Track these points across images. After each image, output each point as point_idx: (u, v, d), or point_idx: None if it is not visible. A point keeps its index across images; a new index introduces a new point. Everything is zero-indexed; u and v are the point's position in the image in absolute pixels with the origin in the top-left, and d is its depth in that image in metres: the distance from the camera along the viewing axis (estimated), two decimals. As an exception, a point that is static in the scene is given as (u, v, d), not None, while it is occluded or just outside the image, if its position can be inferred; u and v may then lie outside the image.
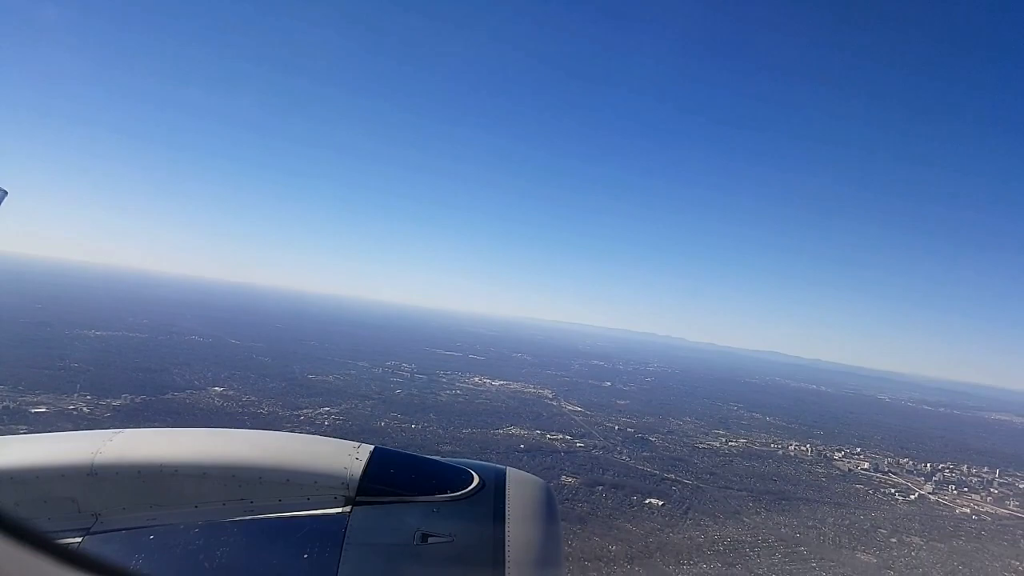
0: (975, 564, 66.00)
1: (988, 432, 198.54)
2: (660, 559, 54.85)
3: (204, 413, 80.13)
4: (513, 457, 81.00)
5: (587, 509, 65.10)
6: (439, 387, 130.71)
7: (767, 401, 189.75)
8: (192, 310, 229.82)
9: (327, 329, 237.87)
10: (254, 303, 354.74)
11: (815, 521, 72.27)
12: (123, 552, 4.09)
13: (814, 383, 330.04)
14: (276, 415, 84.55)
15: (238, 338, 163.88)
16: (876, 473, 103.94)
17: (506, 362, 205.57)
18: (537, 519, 4.73)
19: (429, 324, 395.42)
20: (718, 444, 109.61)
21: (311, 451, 5.01)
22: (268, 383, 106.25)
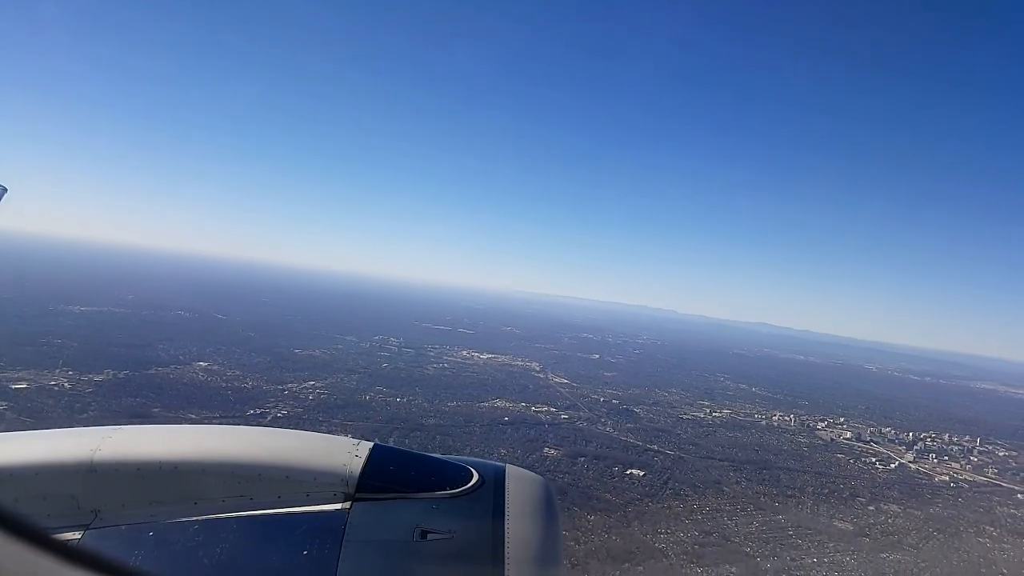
0: (950, 530, 67.08)
1: (972, 401, 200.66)
2: (638, 528, 55.48)
3: (187, 388, 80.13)
4: (497, 430, 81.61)
5: (568, 480, 65.62)
6: (426, 361, 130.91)
7: (754, 372, 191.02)
8: (179, 285, 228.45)
9: (315, 303, 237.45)
10: (242, 278, 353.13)
11: (794, 490, 73.16)
12: (123, 549, 4.09)
13: (802, 354, 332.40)
14: (260, 389, 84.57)
15: (224, 313, 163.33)
16: (858, 442, 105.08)
17: (495, 335, 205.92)
18: (536, 516, 4.71)
19: (420, 298, 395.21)
20: (702, 415, 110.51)
21: (310, 448, 5.01)
22: (253, 358, 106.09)
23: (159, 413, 68.08)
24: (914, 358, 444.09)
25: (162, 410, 69.24)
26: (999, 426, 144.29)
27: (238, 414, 71.69)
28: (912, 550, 59.70)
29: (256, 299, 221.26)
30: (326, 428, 70.56)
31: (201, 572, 4.02)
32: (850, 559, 55.20)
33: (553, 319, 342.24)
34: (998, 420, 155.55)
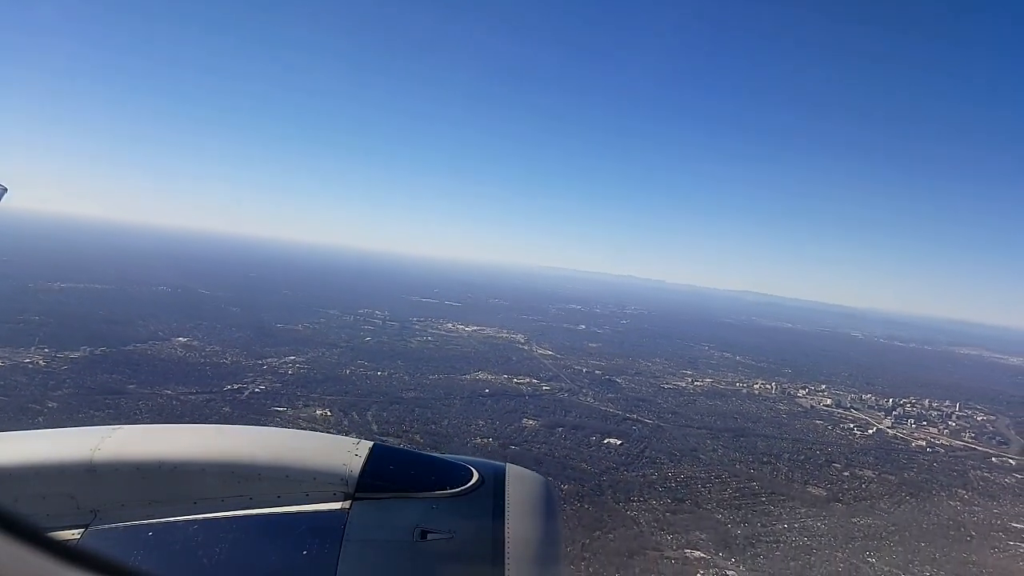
0: (923, 494, 68.02)
1: (955, 367, 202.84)
2: (611, 496, 55.90)
3: (164, 364, 79.75)
4: (477, 402, 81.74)
5: (545, 450, 65.98)
6: (411, 334, 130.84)
7: (739, 340, 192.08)
8: (163, 261, 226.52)
9: (302, 278, 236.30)
10: (229, 253, 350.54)
11: (770, 457, 73.84)
12: (122, 548, 4.07)
13: (789, 322, 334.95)
14: (239, 364, 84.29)
15: (208, 288, 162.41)
16: (838, 409, 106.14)
17: (482, 308, 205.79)
18: (537, 515, 4.69)
19: (408, 271, 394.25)
20: (684, 384, 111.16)
21: (310, 447, 4.99)
22: (234, 333, 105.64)
23: (134, 390, 67.81)
24: (901, 324, 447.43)
25: (138, 386, 68.92)
26: (979, 391, 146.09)
27: (215, 389, 71.45)
28: (884, 514, 60.53)
29: (243, 274, 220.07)
30: (303, 402, 70.74)
31: (201, 572, 4.00)
32: (821, 524, 55.89)
33: (541, 291, 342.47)
34: (979, 385, 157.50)
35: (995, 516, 64.03)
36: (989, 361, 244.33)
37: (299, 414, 66.35)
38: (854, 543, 52.72)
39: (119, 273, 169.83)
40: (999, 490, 72.76)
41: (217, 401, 67.56)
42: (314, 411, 67.70)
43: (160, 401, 65.01)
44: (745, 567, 46.39)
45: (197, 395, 68.69)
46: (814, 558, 49.11)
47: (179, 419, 60.28)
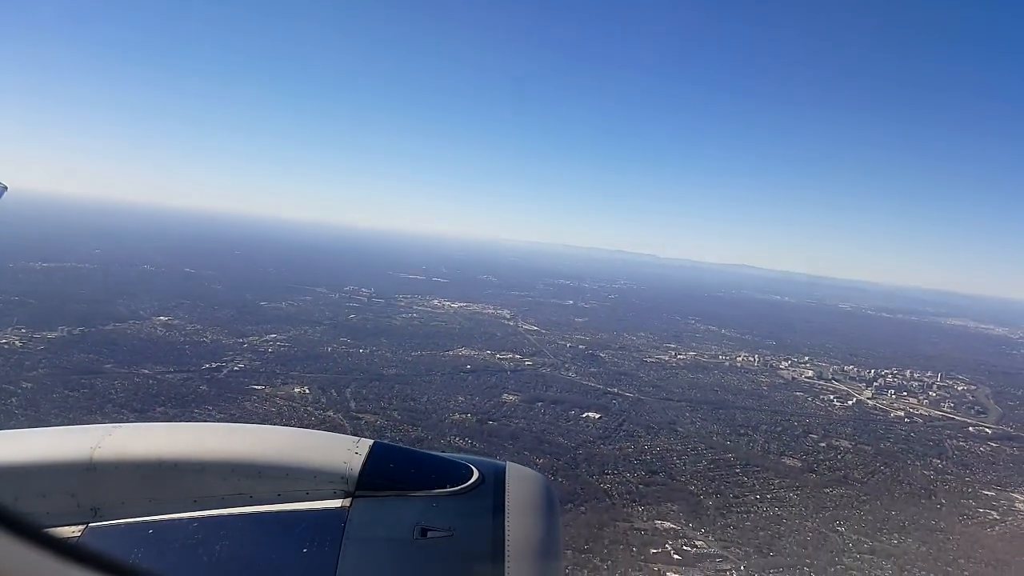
0: (897, 464, 68.76)
1: (940, 337, 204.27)
2: (585, 470, 56.35)
3: (143, 343, 79.48)
4: (457, 378, 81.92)
5: (522, 425, 66.31)
6: (395, 311, 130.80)
7: (726, 314, 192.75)
8: (149, 239, 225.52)
9: (291, 256, 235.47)
10: (216, 231, 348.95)
11: (748, 429, 74.43)
12: (122, 546, 4.08)
13: (779, 295, 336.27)
14: (219, 343, 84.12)
15: (193, 266, 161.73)
16: (819, 380, 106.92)
17: (471, 284, 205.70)
18: (537, 514, 4.68)
19: (398, 248, 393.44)
20: (667, 358, 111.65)
21: (310, 445, 4.97)
22: (217, 311, 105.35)
23: (111, 369, 67.58)
24: (890, 296, 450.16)
25: (115, 366, 68.71)
26: (962, 361, 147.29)
27: (192, 368, 71.31)
28: (857, 484, 61.26)
29: (229, 253, 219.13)
30: (281, 380, 70.78)
31: (201, 570, 4.01)
32: (794, 495, 56.56)
33: (531, 267, 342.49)
34: (962, 356, 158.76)
35: (967, 484, 64.86)
36: (974, 331, 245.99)
37: (276, 392, 66.40)
38: (825, 512, 53.38)
39: (104, 253, 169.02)
40: (973, 459, 73.62)
41: (194, 380, 67.48)
42: (292, 389, 67.75)
43: (136, 381, 64.84)
44: (713, 537, 46.98)
45: (174, 374, 68.58)
46: (783, 528, 49.74)
47: (154, 398, 60.51)
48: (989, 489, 64.05)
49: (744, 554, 45.08)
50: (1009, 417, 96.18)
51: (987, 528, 54.79)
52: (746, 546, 46.18)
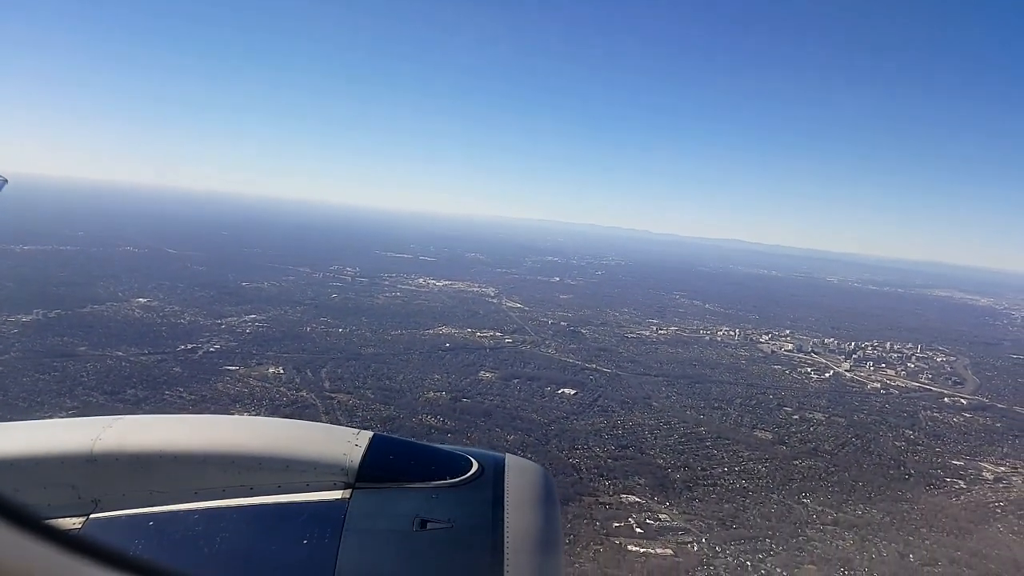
0: (869, 435, 69.44)
1: (925, 309, 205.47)
2: (555, 445, 56.71)
3: (119, 325, 79.15)
4: (435, 356, 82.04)
5: (497, 402, 66.55)
6: (379, 290, 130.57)
7: (712, 289, 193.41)
8: (133, 221, 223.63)
9: (275, 235, 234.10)
10: (204, 211, 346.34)
11: (722, 402, 74.97)
12: (123, 537, 4.12)
13: (767, 268, 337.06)
14: (197, 324, 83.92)
15: (177, 247, 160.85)
16: (798, 354, 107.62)
17: (458, 262, 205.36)
18: (535, 505, 4.72)
19: (388, 227, 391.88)
20: (648, 333, 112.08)
21: (310, 437, 5.00)
22: (197, 292, 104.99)
23: (85, 352, 67.41)
24: (879, 268, 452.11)
25: (89, 348, 68.53)
26: (944, 332, 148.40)
27: (167, 350, 71.19)
28: (827, 456, 61.97)
29: (214, 233, 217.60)
30: (256, 361, 70.73)
31: (202, 561, 4.03)
32: (762, 467, 57.16)
33: (520, 244, 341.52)
34: (945, 326, 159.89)
35: (937, 455, 65.67)
36: (959, 302, 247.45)
37: (250, 372, 66.39)
38: (792, 484, 54.01)
39: (87, 234, 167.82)
40: (946, 429, 74.44)
41: (168, 362, 67.40)
42: (266, 369, 67.73)
43: (109, 363, 64.71)
44: (678, 510, 47.50)
45: (148, 356, 68.43)
46: (749, 500, 50.32)
47: (125, 380, 60.46)
48: (959, 459, 64.86)
49: (707, 527, 45.64)
50: (985, 387, 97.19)
51: (953, 497, 55.57)
52: (709, 519, 46.74)
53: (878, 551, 44.67)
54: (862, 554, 43.99)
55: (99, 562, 1.63)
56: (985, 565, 44.22)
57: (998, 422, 78.91)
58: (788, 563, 41.86)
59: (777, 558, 42.33)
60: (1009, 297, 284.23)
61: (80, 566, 1.57)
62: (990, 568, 43.90)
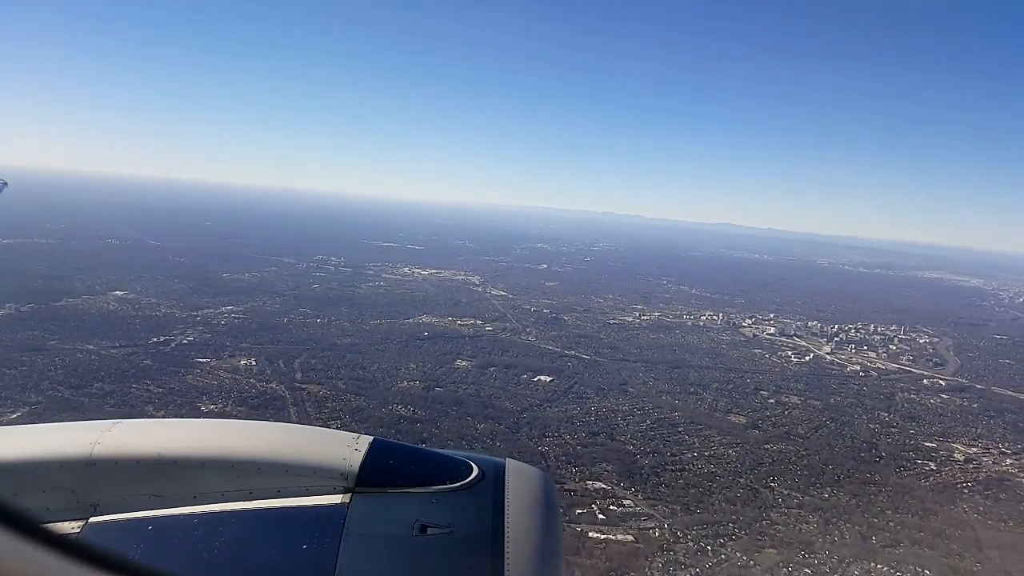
0: (844, 418, 69.43)
1: (914, 290, 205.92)
2: (525, 433, 56.58)
3: (93, 319, 78.66)
4: (413, 345, 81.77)
5: (470, 391, 66.29)
6: (362, 279, 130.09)
7: (700, 273, 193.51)
8: (118, 212, 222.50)
9: (263, 226, 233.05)
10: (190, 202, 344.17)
11: (699, 387, 74.87)
12: (122, 542, 4.10)
13: (758, 252, 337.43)
14: (172, 316, 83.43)
15: (160, 239, 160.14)
16: (780, 337, 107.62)
17: (445, 250, 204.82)
18: (536, 510, 4.71)
19: (378, 216, 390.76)
20: (631, 319, 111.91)
21: (310, 442, 5.02)
22: (176, 284, 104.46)
23: (55, 346, 66.89)
24: (871, 251, 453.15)
25: (59, 342, 68.00)
26: (930, 314, 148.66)
27: (139, 343, 70.71)
28: (798, 440, 61.93)
29: (199, 224, 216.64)
30: (229, 353, 70.39)
31: (200, 565, 4.01)
32: (733, 452, 57.10)
33: (513, 231, 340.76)
34: (931, 308, 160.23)
35: (911, 436, 65.75)
36: (949, 284, 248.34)
37: (221, 364, 65.98)
38: (760, 469, 53.98)
39: (68, 227, 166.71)
40: (922, 411, 74.55)
41: (139, 355, 66.91)
42: (238, 361, 67.36)
43: (78, 357, 64.22)
44: (643, 496, 47.45)
45: (119, 349, 67.98)
46: (715, 485, 50.28)
47: (93, 374, 60.05)
48: (932, 440, 64.97)
49: (670, 512, 45.60)
50: (966, 368, 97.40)
51: (921, 479, 55.67)
52: (674, 504, 46.72)
53: (841, 533, 44.72)
54: (824, 537, 44.03)
55: (98, 566, 1.62)
56: (947, 545, 44.33)
57: (975, 403, 79.11)
58: (749, 547, 41.88)
59: (738, 542, 42.34)
60: (1000, 278, 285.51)
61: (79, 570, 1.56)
62: (951, 548, 43.99)
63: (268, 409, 55.39)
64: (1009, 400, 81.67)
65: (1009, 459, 62.00)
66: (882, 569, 40.66)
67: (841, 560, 41.29)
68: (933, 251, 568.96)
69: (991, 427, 70.60)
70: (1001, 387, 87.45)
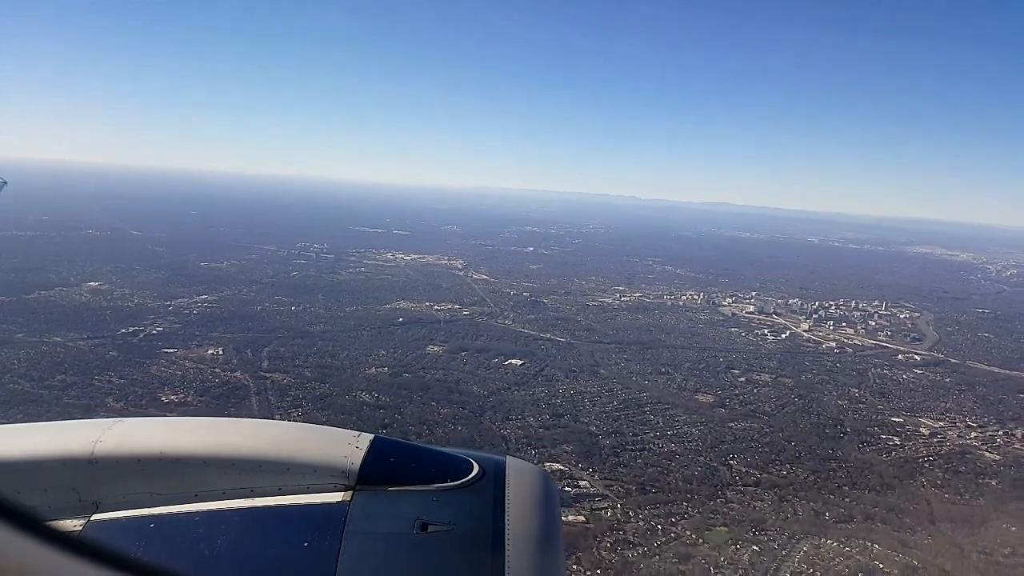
0: (813, 395, 69.69)
1: (902, 266, 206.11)
2: (489, 417, 56.61)
3: (63, 310, 78.31)
4: (386, 331, 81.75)
5: (439, 376, 66.28)
6: (343, 266, 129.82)
7: (688, 253, 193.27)
8: (103, 203, 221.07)
9: (246, 213, 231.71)
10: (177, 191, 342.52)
11: (670, 367, 74.99)
12: (124, 539, 4.11)
13: (749, 231, 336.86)
14: (143, 307, 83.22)
15: (141, 229, 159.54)
16: (759, 315, 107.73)
17: (432, 235, 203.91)
18: (536, 507, 4.76)
19: (367, 201, 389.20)
20: (611, 300, 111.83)
21: (311, 440, 5.04)
22: (152, 274, 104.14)
23: (22, 339, 66.56)
24: (863, 227, 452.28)
25: (26, 335, 67.66)
26: (915, 289, 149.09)
27: (107, 334, 70.56)
28: (764, 417, 62.12)
29: (184, 212, 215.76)
30: (197, 343, 70.21)
31: (202, 563, 4.04)
32: (696, 431, 57.24)
33: (502, 215, 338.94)
34: (917, 283, 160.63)
35: (878, 412, 66.06)
36: (939, 258, 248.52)
37: (188, 355, 65.79)
38: (721, 447, 54.18)
39: (51, 219, 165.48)
40: (893, 386, 74.86)
41: (106, 346, 66.78)
42: (205, 351, 67.15)
43: (44, 349, 63.98)
44: (599, 476, 47.64)
45: (87, 341, 67.73)
46: (674, 464, 50.47)
47: (57, 366, 59.81)
48: (899, 416, 65.27)
49: (625, 492, 45.84)
50: (943, 343, 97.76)
51: (883, 454, 55.98)
52: (629, 484, 46.93)
53: (794, 510, 45.00)
54: (778, 514, 44.32)
55: (100, 563, 1.63)
56: (899, 520, 44.64)
57: (948, 377, 79.51)
58: (700, 526, 42.12)
59: (690, 521, 42.58)
60: (990, 252, 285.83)
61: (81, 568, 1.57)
62: (904, 522, 44.28)
63: (230, 399, 55.34)
64: (982, 374, 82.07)
65: (974, 432, 62.39)
66: (831, 544, 40.96)
67: (791, 536, 41.59)
68: (925, 226, 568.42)
69: (960, 401, 71.00)
70: (976, 361, 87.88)
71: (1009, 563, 40.87)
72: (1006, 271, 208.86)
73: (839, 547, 40.78)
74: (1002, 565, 40.58)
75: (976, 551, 41.74)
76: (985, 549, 42.05)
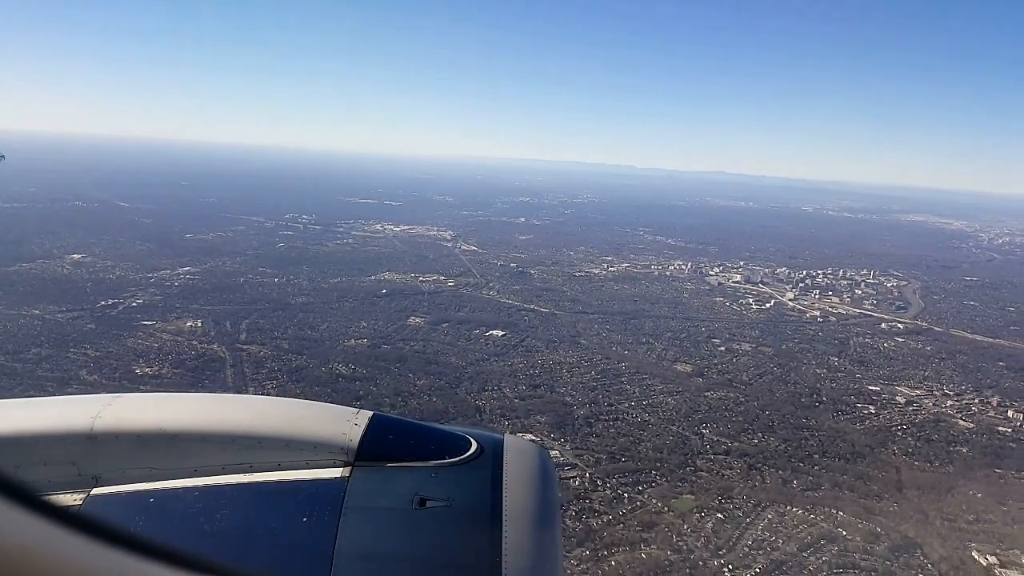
0: (792, 364, 69.91)
1: (893, 234, 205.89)
2: (465, 388, 56.73)
3: (43, 283, 77.97)
4: (369, 303, 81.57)
5: (418, 347, 66.31)
6: (330, 237, 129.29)
7: (679, 223, 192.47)
8: (92, 174, 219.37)
9: (237, 184, 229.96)
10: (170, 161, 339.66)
11: (651, 337, 75.09)
12: (123, 515, 4.14)
13: (744, 200, 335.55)
14: (125, 279, 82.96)
15: (129, 200, 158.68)
16: (745, 284, 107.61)
17: (423, 206, 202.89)
18: (534, 484, 4.77)
19: (360, 172, 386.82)
20: (598, 271, 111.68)
21: (310, 416, 5.08)
22: (137, 246, 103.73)
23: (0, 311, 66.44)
24: (859, 195, 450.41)
25: (4, 308, 67.48)
26: (904, 257, 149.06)
27: (87, 306, 70.35)
28: (740, 387, 62.31)
29: (174, 184, 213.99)
30: (176, 315, 70.09)
31: (201, 538, 4.06)
32: (671, 400, 57.46)
33: (496, 185, 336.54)
34: (906, 251, 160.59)
35: (856, 381, 66.37)
36: (932, 227, 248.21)
37: (166, 327, 65.66)
38: (695, 416, 54.45)
39: (38, 190, 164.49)
40: (873, 355, 75.12)
41: (84, 319, 66.60)
42: (184, 323, 67.03)
43: (21, 322, 63.80)
44: (571, 446, 47.88)
45: (65, 313, 67.54)
46: (647, 433, 50.72)
47: (33, 339, 59.71)
48: (876, 384, 65.58)
49: (595, 461, 46.16)
50: (928, 312, 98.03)
51: (857, 423, 56.25)
52: (600, 453, 47.25)
53: (763, 478, 45.40)
54: (746, 482, 44.70)
55: (99, 538, 1.63)
56: (867, 487, 45.06)
57: (929, 346, 79.78)
58: (666, 494, 42.47)
59: (657, 489, 42.93)
60: (983, 220, 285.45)
61: (80, 542, 1.57)
62: (871, 490, 44.73)
63: (204, 371, 55.37)
64: (965, 342, 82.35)
65: (950, 400, 62.80)
66: (796, 512, 41.36)
67: (757, 504, 42.00)
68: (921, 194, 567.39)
69: (939, 369, 71.32)
70: (960, 329, 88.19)
71: (972, 529, 41.40)
72: (998, 239, 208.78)
73: (804, 515, 41.19)
74: (965, 531, 41.07)
75: (940, 517, 42.25)
76: (949, 516, 42.57)
